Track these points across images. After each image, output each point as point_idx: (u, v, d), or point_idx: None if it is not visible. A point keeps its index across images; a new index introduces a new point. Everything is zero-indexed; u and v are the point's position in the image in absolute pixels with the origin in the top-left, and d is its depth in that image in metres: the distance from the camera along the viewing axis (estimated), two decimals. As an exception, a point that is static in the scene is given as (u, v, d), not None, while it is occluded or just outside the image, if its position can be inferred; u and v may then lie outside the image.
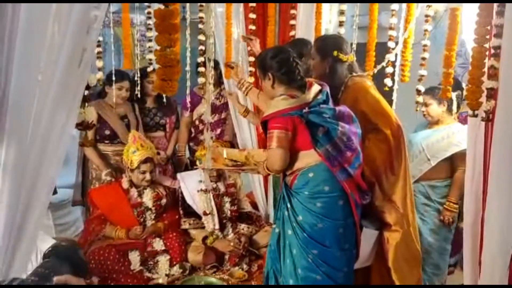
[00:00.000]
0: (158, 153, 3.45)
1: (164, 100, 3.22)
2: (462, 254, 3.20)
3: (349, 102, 2.21)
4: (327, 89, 2.07)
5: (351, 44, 2.55)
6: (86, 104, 3.11)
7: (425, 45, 2.30)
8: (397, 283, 2.20)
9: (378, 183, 2.21)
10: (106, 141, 3.22)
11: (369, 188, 2.17)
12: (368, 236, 2.15)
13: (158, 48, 1.48)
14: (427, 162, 2.85)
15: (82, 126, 1.90)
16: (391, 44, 2.48)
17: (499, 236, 1.79)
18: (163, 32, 1.48)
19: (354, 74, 2.28)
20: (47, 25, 1.48)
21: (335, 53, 2.22)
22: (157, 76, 1.50)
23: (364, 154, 2.13)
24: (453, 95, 2.88)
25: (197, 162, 2.93)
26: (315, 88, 2.05)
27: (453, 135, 2.84)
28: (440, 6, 3.99)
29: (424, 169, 2.86)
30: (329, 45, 2.27)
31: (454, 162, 2.85)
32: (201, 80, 2.93)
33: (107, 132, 3.19)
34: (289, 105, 1.95)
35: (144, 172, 2.88)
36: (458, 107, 2.98)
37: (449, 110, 2.90)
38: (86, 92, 1.98)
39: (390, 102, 2.45)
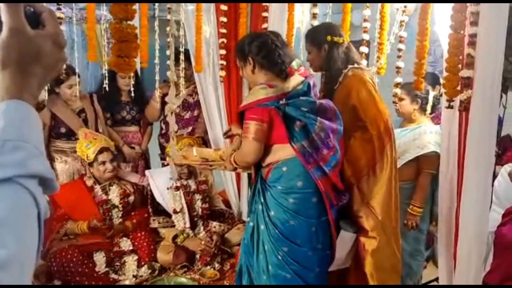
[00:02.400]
0: (133, 147, 3.41)
1: (132, 94, 3.09)
2: (433, 249, 3.25)
3: (344, 94, 2.13)
4: (310, 80, 1.99)
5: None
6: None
7: (401, 36, 2.27)
8: None
9: (358, 186, 2.10)
10: (63, 138, 3.07)
11: (347, 189, 2.08)
12: (345, 239, 2.05)
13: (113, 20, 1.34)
14: (399, 159, 2.82)
15: None
16: (365, 36, 2.44)
17: (475, 227, 1.78)
18: (118, 2, 1.32)
19: (355, 65, 2.17)
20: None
21: (328, 37, 2.14)
22: (113, 52, 1.36)
23: (348, 153, 2.05)
24: (431, 94, 2.87)
25: (167, 158, 2.82)
26: (297, 78, 1.96)
27: (420, 137, 2.81)
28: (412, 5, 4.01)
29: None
30: (321, 32, 2.20)
31: (419, 165, 2.81)
32: (168, 73, 2.84)
33: (63, 130, 3.04)
34: (266, 94, 1.87)
35: (103, 163, 2.76)
36: (433, 107, 2.97)
37: (422, 109, 2.88)
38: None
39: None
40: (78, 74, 3.10)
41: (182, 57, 3.06)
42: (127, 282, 2.55)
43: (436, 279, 2.51)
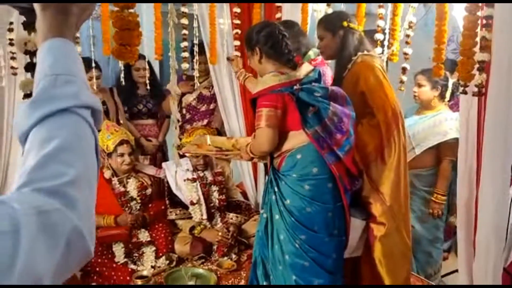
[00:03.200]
0: (150, 140, 3.45)
1: (148, 87, 3.12)
2: (455, 239, 3.19)
3: (352, 81, 2.11)
4: (320, 68, 1.98)
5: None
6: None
7: (411, 22, 2.21)
8: (383, 276, 2.09)
9: (367, 172, 2.09)
10: None
11: (361, 174, 2.07)
12: (355, 226, 2.05)
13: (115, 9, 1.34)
14: (412, 150, 2.77)
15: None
16: (380, 23, 2.39)
17: (493, 216, 1.73)
18: (123, 2, 1.33)
19: (365, 52, 2.15)
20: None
21: (345, 23, 2.12)
22: (115, 40, 1.37)
23: (356, 139, 2.03)
24: (450, 82, 2.80)
25: (173, 148, 2.84)
26: (307, 66, 1.97)
27: (440, 124, 2.76)
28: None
29: (408, 157, 2.78)
30: (337, 18, 2.17)
31: (440, 152, 2.77)
32: (184, 66, 2.85)
33: None
34: (279, 81, 1.86)
35: (122, 155, 2.79)
36: (452, 95, 2.90)
37: (442, 96, 2.82)
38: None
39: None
40: (99, 67, 3.15)
41: (196, 49, 3.07)
42: (145, 273, 2.59)
43: (456, 271, 2.46)
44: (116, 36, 1.34)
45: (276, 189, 1.96)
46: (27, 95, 1.47)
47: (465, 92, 1.59)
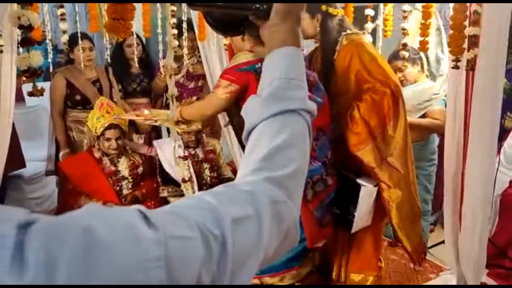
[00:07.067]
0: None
1: (137, 64, 3.07)
2: (441, 212, 3.27)
3: (344, 63, 2.13)
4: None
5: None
6: (54, 71, 3.05)
7: (405, -3, 2.21)
8: (402, 239, 2.21)
9: (376, 145, 2.12)
10: (79, 107, 3.09)
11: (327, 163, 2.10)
12: (367, 195, 2.09)
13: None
14: None
15: (29, 73, 1.66)
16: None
17: (480, 187, 1.77)
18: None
19: (348, 31, 2.17)
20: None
21: (324, 7, 2.12)
22: (108, 15, 1.33)
23: (360, 116, 2.08)
24: (422, 54, 2.80)
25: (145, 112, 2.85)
26: None
27: (424, 93, 2.80)
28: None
29: None
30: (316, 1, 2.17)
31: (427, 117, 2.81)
32: (174, 43, 2.81)
33: (78, 97, 3.06)
34: (246, 59, 1.91)
35: (109, 139, 2.75)
36: (428, 64, 2.92)
37: (422, 67, 2.85)
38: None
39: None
40: (92, 40, 3.09)
41: (185, 25, 3.03)
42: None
43: (443, 242, 2.54)
44: (109, 10, 1.31)
45: None
46: (25, 71, 1.45)
47: (457, 67, 1.61)
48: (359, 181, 2.10)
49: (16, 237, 0.37)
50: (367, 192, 2.09)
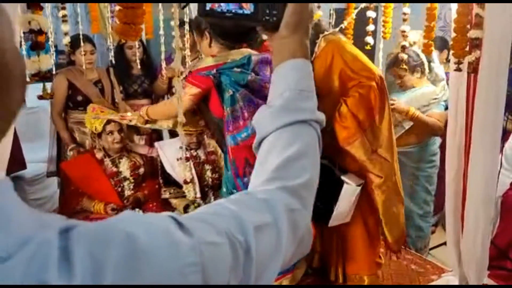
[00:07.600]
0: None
1: (139, 66, 3.07)
2: (443, 214, 3.28)
3: (325, 65, 2.15)
4: (256, 57, 1.98)
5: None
6: (56, 72, 3.05)
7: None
8: (385, 230, 2.24)
9: (365, 137, 2.15)
10: (80, 108, 3.09)
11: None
12: (349, 193, 2.12)
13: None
14: (399, 125, 2.82)
15: (39, 76, 1.68)
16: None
17: (483, 188, 1.78)
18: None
19: (325, 33, 2.19)
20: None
21: None
22: (119, 19, 1.35)
23: (348, 110, 2.10)
24: (422, 56, 2.80)
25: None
26: (242, 51, 1.99)
27: (423, 97, 2.81)
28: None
29: (396, 133, 2.81)
30: None
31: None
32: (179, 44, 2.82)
33: (79, 98, 3.07)
34: (206, 64, 1.96)
35: (111, 133, 2.74)
36: (429, 69, 2.92)
37: (423, 73, 2.84)
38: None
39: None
40: (93, 43, 3.10)
41: (187, 27, 3.03)
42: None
43: (445, 243, 2.54)
44: (120, 14, 1.32)
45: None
46: (34, 75, 1.46)
47: (459, 69, 1.61)
48: (343, 178, 2.14)
49: (60, 241, 0.38)
50: (349, 190, 2.13)
